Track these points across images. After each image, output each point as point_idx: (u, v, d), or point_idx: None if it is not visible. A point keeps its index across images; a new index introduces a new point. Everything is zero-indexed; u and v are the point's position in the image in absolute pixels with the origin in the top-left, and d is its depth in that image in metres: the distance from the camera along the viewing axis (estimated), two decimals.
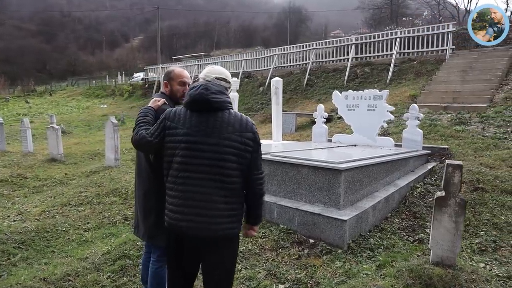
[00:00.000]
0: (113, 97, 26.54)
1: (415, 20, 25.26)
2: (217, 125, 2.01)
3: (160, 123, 2.10)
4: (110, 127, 7.02)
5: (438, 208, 3.15)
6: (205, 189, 1.98)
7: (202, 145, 1.98)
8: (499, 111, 7.77)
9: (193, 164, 1.98)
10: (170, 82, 2.63)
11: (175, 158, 2.02)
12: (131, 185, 5.71)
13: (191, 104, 2.03)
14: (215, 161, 1.98)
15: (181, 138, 2.00)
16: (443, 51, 12.55)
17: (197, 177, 1.98)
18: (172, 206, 2.03)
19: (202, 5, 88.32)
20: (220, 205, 2.00)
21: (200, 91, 2.01)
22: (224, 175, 2.00)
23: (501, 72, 9.55)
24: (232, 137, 2.01)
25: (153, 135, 2.10)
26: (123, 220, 4.69)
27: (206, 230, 1.98)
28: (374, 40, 14.79)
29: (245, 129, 2.05)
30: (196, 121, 2.01)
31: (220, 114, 2.03)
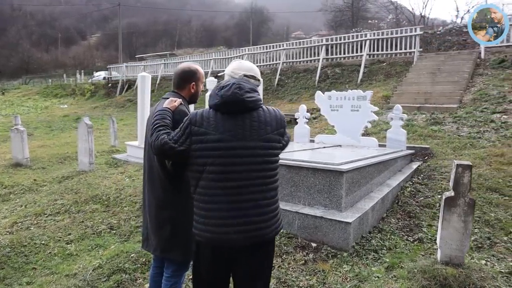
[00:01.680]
0: (74, 97, 25.21)
1: (380, 23, 26.07)
2: (254, 127, 1.84)
3: (185, 129, 1.88)
4: (84, 128, 6.57)
5: (447, 208, 3.16)
6: (250, 196, 1.83)
7: (240, 150, 1.81)
8: (469, 111, 8.10)
9: (233, 172, 1.81)
10: (197, 82, 2.44)
11: (208, 168, 1.83)
12: (112, 191, 5.35)
13: (223, 105, 1.84)
14: (256, 165, 1.84)
15: (215, 144, 1.81)
16: (411, 53, 12.98)
17: (239, 185, 1.82)
18: (216, 219, 1.84)
19: (162, 3, 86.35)
20: (267, 208, 1.88)
21: (233, 91, 1.82)
22: (267, 177, 1.87)
23: (467, 74, 10.01)
24: (271, 137, 1.88)
25: (177, 142, 1.87)
26: (109, 229, 4.36)
27: (260, 236, 1.85)
28: (344, 41, 15.06)
29: (280, 126, 1.93)
30: (230, 125, 1.82)
31: (256, 114, 1.87)
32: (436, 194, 4.92)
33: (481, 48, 11.18)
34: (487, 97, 8.60)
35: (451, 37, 17.02)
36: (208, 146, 1.82)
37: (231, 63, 2.10)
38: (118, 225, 4.41)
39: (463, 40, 16.44)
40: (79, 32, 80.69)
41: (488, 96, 8.63)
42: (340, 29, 37.07)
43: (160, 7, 74.67)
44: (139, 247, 3.75)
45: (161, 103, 2.41)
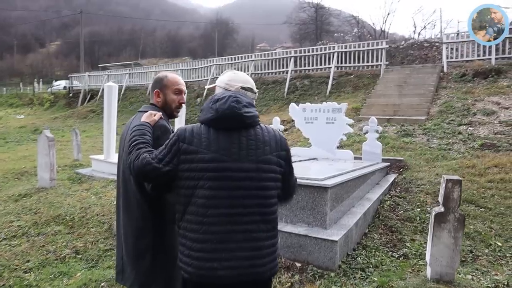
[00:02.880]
0: (32, 107, 23.84)
1: (345, 37, 26.82)
2: (252, 146, 1.63)
3: (171, 146, 1.63)
4: (45, 141, 6.06)
5: (437, 224, 3.09)
6: (245, 226, 1.59)
7: (236, 172, 1.59)
8: (437, 123, 8.33)
9: (226, 197, 1.58)
10: (163, 90, 2.12)
11: (198, 191, 1.58)
12: (77, 210, 4.92)
13: (218, 120, 1.61)
14: (254, 191, 1.61)
15: (206, 165, 1.58)
16: (377, 66, 13.33)
17: (233, 213, 1.58)
18: (202, 253, 1.58)
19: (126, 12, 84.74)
20: (264, 242, 1.63)
21: (230, 104, 1.61)
22: (265, 206, 1.64)
23: (433, 87, 10.37)
24: (270, 159, 1.66)
25: (162, 161, 1.62)
26: (74, 254, 3.94)
27: (253, 275, 1.60)
28: (313, 53, 15.25)
29: (280, 147, 1.71)
30: (225, 142, 1.60)
31: (253, 132, 1.66)
32: (415, 207, 4.91)
33: (444, 62, 11.65)
34: (452, 110, 8.90)
35: (413, 51, 17.73)
36: (199, 167, 1.58)
37: (224, 73, 1.88)
38: (84, 249, 4.01)
39: (424, 54, 17.19)
40: (37, 39, 77.33)
41: (453, 109, 8.93)
42: (305, 42, 37.88)
43: (124, 16, 73.10)
44: (110, 274, 3.41)
45: (137, 116, 2.14)
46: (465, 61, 11.57)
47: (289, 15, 45.42)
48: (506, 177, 5.48)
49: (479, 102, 8.93)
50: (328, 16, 42.07)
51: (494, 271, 3.66)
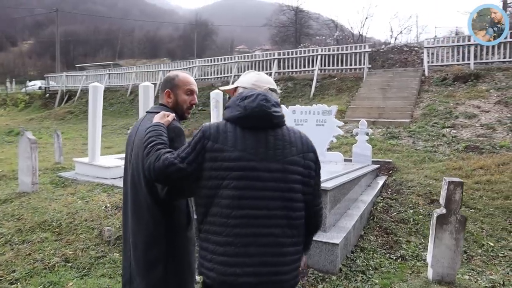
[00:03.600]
0: (5, 108, 22.88)
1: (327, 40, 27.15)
2: (279, 146, 1.55)
3: (195, 144, 1.55)
4: (27, 144, 5.78)
5: (439, 226, 3.11)
6: (270, 230, 1.51)
7: (262, 172, 1.51)
8: (421, 126, 8.50)
9: (251, 197, 1.50)
10: (174, 90, 2.02)
11: (222, 191, 1.50)
12: (64, 216, 4.71)
13: (246, 119, 1.54)
14: (279, 193, 1.53)
15: (232, 164, 1.50)
16: (360, 69, 13.51)
17: (258, 214, 1.50)
18: (225, 257, 1.49)
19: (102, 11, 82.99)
20: (288, 248, 1.55)
21: (259, 102, 1.54)
22: (292, 209, 1.56)
23: (415, 90, 10.59)
24: (296, 160, 1.58)
25: (185, 160, 1.53)
26: (63, 262, 3.75)
27: (276, 283, 1.52)
28: (296, 56, 15.33)
29: (306, 149, 1.63)
30: (252, 141, 1.53)
31: (280, 132, 1.59)
32: (408, 209, 4.96)
33: (425, 66, 11.93)
34: (435, 113, 9.11)
35: (393, 55, 18.12)
36: (224, 165, 1.50)
37: (245, 74, 1.81)
38: (74, 257, 3.82)
39: (404, 58, 17.59)
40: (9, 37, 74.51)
41: (436, 112, 9.14)
42: (284, 44, 38.11)
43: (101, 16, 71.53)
44: (105, 283, 3.27)
45: (147, 118, 2.04)
46: (445, 66, 11.89)
47: (269, 18, 45.60)
48: (492, 178, 5.63)
49: (460, 106, 9.18)
50: (308, 19, 42.45)
51: (489, 271, 3.73)
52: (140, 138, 1.94)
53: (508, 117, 8.19)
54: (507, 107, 8.68)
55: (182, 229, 1.97)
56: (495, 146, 7.02)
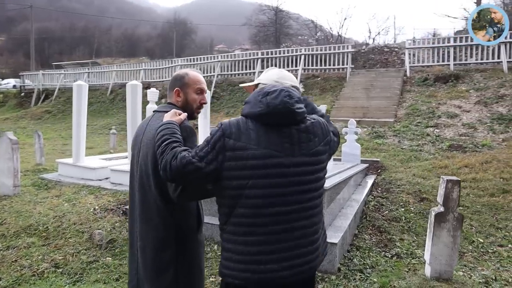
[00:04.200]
0: None
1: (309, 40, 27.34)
2: (303, 139, 1.53)
3: (215, 142, 1.49)
4: (8, 144, 5.53)
5: (437, 224, 3.16)
6: (301, 223, 1.52)
7: (289, 168, 1.49)
8: (406, 125, 8.66)
9: (280, 195, 1.48)
10: (183, 89, 1.95)
11: (249, 191, 1.46)
12: (51, 220, 4.53)
13: (268, 116, 1.49)
14: (307, 185, 1.53)
15: (258, 162, 1.46)
16: (343, 69, 13.65)
17: (289, 210, 1.49)
18: (260, 255, 1.48)
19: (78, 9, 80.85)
20: (314, 236, 1.58)
21: (282, 99, 1.49)
22: (316, 198, 1.57)
23: (398, 90, 10.79)
24: (319, 150, 1.57)
25: (203, 159, 1.47)
26: (53, 268, 3.60)
27: (307, 272, 1.55)
28: (280, 55, 15.35)
29: (326, 133, 1.64)
30: (276, 137, 1.49)
31: (303, 125, 1.56)
32: (399, 207, 5.03)
33: (407, 67, 12.18)
34: (418, 112, 9.30)
35: (374, 56, 18.41)
36: (249, 164, 1.46)
37: (267, 71, 1.78)
38: (65, 262, 3.67)
39: (384, 59, 17.90)
40: None
41: (419, 111, 9.33)
42: (264, 44, 38.17)
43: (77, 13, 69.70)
44: None
45: (155, 117, 1.97)
46: (426, 66, 12.18)
47: (248, 17, 45.57)
48: (477, 176, 5.78)
49: (442, 106, 9.41)
50: (288, 19, 42.64)
51: (481, 267, 3.82)
52: (149, 138, 1.87)
53: (488, 117, 8.45)
54: (486, 107, 8.96)
55: (193, 231, 1.91)
56: (478, 145, 7.22)
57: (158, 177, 1.79)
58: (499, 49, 11.22)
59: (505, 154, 6.62)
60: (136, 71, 19.10)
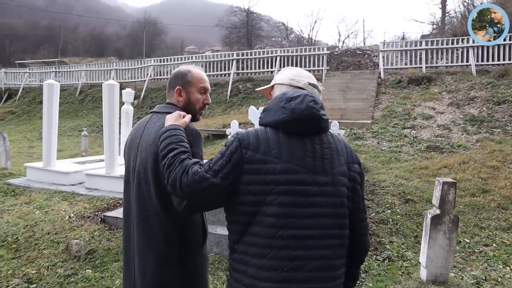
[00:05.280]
0: None
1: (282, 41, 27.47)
2: (326, 155, 1.37)
3: (231, 154, 1.33)
4: None
5: (433, 226, 3.13)
6: (322, 252, 1.33)
7: (311, 186, 1.32)
8: (383, 127, 8.76)
9: (300, 215, 1.31)
10: (186, 88, 1.77)
11: (266, 208, 1.30)
12: (21, 229, 4.17)
13: (293, 123, 1.35)
14: (331, 209, 1.35)
15: (278, 177, 1.30)
16: (319, 71, 13.74)
17: (308, 234, 1.31)
18: (269, 282, 1.30)
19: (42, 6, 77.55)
20: (339, 271, 1.38)
21: (308, 104, 1.35)
22: (343, 227, 1.39)
23: (374, 92, 10.95)
24: (344, 171, 1.41)
25: (219, 174, 1.31)
26: (26, 284, 3.29)
27: None
28: (255, 57, 15.26)
29: (351, 159, 1.47)
30: (298, 150, 1.34)
31: (325, 138, 1.41)
32: (386, 209, 5.02)
33: (381, 69, 12.41)
34: (394, 114, 9.46)
35: (347, 58, 18.70)
36: (268, 179, 1.30)
37: (282, 71, 1.63)
38: (39, 277, 3.37)
39: (357, 61, 18.22)
40: None
41: (395, 113, 9.49)
42: (235, 45, 38.06)
43: (42, 9, 66.83)
44: None
45: (154, 119, 1.77)
46: (399, 69, 12.45)
47: (219, 18, 45.36)
48: (457, 177, 5.89)
49: (417, 107, 9.62)
50: (259, 21, 42.74)
51: (469, 267, 3.85)
52: (148, 142, 1.68)
53: (461, 118, 8.70)
54: (458, 108, 9.24)
55: (198, 245, 1.74)
56: (454, 145, 7.40)
57: (160, 186, 1.61)
58: (467, 53, 11.64)
59: (480, 154, 6.81)
60: (106, 71, 18.43)
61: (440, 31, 21.26)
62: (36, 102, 18.67)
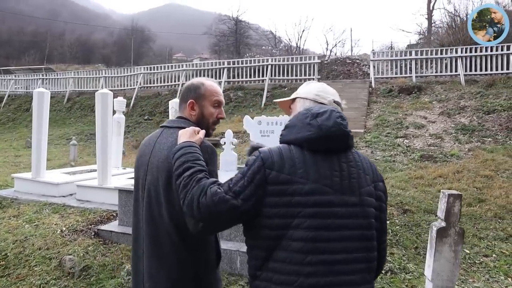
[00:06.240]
0: None
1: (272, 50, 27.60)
2: (353, 174, 1.32)
3: (254, 174, 1.26)
4: None
5: (439, 239, 3.08)
6: (350, 277, 1.27)
7: (339, 207, 1.26)
8: (376, 136, 8.80)
9: (328, 239, 1.24)
10: (199, 101, 1.70)
11: (293, 232, 1.23)
12: (10, 245, 3.98)
13: (320, 140, 1.28)
14: (359, 231, 1.29)
15: (305, 198, 1.23)
16: (310, 79, 13.76)
17: (336, 259, 1.24)
18: None
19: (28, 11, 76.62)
20: None
21: (335, 120, 1.30)
22: (371, 249, 1.33)
23: (366, 101, 11.02)
24: (371, 190, 1.36)
25: (239, 195, 1.24)
26: None
27: None
28: (247, 65, 15.27)
29: (377, 177, 1.42)
30: (325, 169, 1.27)
31: (351, 156, 1.36)
32: None
33: (372, 78, 12.53)
34: (387, 123, 9.51)
35: (336, 67, 18.87)
36: (294, 201, 1.23)
37: (307, 84, 1.56)
38: None
39: (347, 70, 18.40)
40: None
41: (387, 122, 9.55)
42: (224, 54, 38.12)
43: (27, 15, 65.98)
44: None
45: (165, 133, 1.69)
46: (390, 78, 12.59)
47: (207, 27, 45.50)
48: (452, 186, 5.92)
49: (409, 116, 9.70)
50: (247, 29, 42.96)
51: (471, 279, 3.82)
52: (160, 159, 1.59)
53: (452, 127, 8.80)
54: (449, 117, 9.34)
55: (212, 268, 1.65)
56: (447, 155, 7.46)
57: (172, 206, 1.53)
58: (456, 62, 11.85)
59: (473, 163, 6.87)
60: (95, 79, 18.19)
61: (427, 41, 21.68)
62: (22, 110, 18.27)
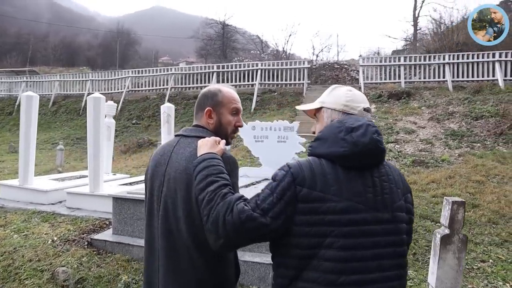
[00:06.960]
0: None
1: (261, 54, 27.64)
2: (386, 189, 1.27)
3: (284, 191, 1.20)
4: None
5: (443, 246, 3.07)
6: None
7: (373, 225, 1.21)
8: None
9: (361, 258, 1.19)
10: (217, 109, 1.62)
11: (325, 252, 1.17)
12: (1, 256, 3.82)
13: (354, 157, 1.22)
14: (392, 248, 1.25)
15: (338, 217, 1.18)
16: (300, 84, 13.83)
17: (369, 279, 1.19)
18: None
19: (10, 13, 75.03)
20: None
21: (372, 136, 1.24)
22: (403, 266, 1.29)
23: None
24: (402, 205, 1.31)
25: (268, 213, 1.18)
26: None
27: None
28: (236, 69, 15.21)
29: (406, 189, 1.37)
30: (359, 186, 1.22)
31: (383, 170, 1.31)
32: None
33: (361, 83, 12.62)
34: (378, 128, 9.56)
35: (325, 72, 19.01)
36: (327, 219, 1.17)
37: (332, 91, 1.46)
38: None
39: (335, 75, 18.56)
40: None
41: (379, 127, 9.58)
42: (210, 57, 38.00)
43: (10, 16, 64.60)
44: None
45: (182, 143, 1.60)
46: (379, 83, 12.71)
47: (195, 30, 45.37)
48: (446, 191, 5.97)
49: (399, 122, 9.79)
50: (234, 34, 42.95)
51: (470, 284, 3.84)
52: (177, 170, 1.51)
53: (442, 133, 8.91)
54: (439, 123, 9.47)
55: (231, 284, 1.58)
56: (438, 160, 7.53)
57: (191, 220, 1.45)
58: (443, 69, 12.05)
59: (465, 169, 6.95)
60: (82, 82, 17.84)
61: (413, 47, 22.04)
62: (5, 114, 17.79)
